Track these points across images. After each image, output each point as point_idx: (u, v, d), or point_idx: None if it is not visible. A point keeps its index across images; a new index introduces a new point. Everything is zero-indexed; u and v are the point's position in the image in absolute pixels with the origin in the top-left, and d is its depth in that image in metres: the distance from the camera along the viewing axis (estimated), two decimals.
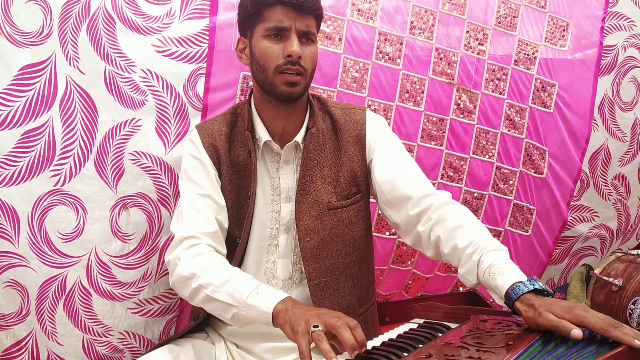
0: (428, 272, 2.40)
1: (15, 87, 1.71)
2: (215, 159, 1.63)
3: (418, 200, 1.55)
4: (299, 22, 1.51)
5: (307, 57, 1.53)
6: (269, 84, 1.54)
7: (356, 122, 1.67)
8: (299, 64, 1.51)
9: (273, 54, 1.52)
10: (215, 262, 1.49)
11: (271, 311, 1.30)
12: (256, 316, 1.33)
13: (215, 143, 1.63)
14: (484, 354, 1.05)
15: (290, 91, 1.53)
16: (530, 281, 1.23)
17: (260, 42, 1.53)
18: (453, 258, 1.43)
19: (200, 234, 1.54)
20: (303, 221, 1.59)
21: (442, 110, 2.23)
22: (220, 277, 1.42)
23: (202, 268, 1.46)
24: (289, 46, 1.50)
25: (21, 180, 1.73)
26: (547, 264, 2.51)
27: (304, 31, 1.53)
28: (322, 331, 1.17)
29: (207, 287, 1.42)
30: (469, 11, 2.23)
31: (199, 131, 1.66)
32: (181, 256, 1.50)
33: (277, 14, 1.50)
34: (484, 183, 2.34)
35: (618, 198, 2.56)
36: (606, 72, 2.41)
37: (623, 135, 2.49)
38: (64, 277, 1.82)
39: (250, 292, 1.35)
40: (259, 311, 1.32)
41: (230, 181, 1.64)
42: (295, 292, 1.63)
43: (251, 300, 1.34)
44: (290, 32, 1.51)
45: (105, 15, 1.77)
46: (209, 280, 1.42)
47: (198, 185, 1.61)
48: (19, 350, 1.84)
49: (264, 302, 1.32)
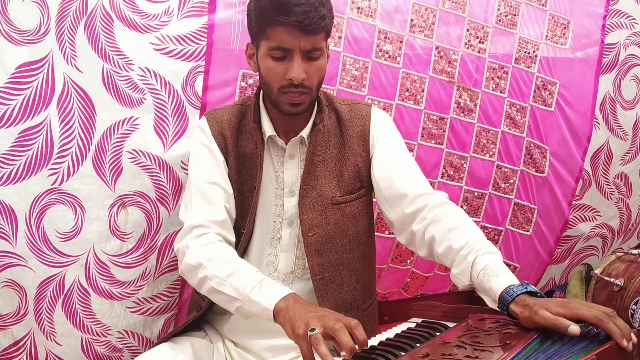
0: (427, 271, 2.39)
1: (12, 85, 1.70)
2: (223, 147, 1.63)
3: (414, 199, 1.55)
4: (303, 42, 1.46)
5: (312, 74, 1.51)
6: (273, 101, 1.54)
7: (361, 117, 1.67)
8: (302, 85, 1.49)
9: (276, 75, 1.49)
10: (222, 253, 1.48)
11: (272, 308, 1.29)
12: (258, 312, 1.32)
13: (224, 132, 1.63)
14: (482, 353, 1.04)
15: (293, 110, 1.53)
16: (522, 284, 1.24)
17: (265, 59, 1.51)
18: (446, 258, 1.43)
19: (209, 222, 1.54)
20: (307, 216, 1.59)
21: (442, 108, 2.23)
22: (225, 270, 1.41)
23: (209, 259, 1.45)
24: (290, 70, 1.47)
25: (19, 179, 1.73)
26: (548, 263, 2.50)
27: (309, 49, 1.48)
28: (320, 334, 1.16)
29: (212, 279, 1.41)
30: (469, 9, 2.22)
31: (208, 119, 1.66)
32: (190, 245, 1.50)
33: (281, 33, 1.45)
34: (485, 182, 2.34)
35: (620, 197, 2.55)
36: (607, 71, 2.40)
37: (625, 133, 2.48)
38: (62, 276, 1.81)
39: (253, 286, 1.34)
40: (260, 307, 1.31)
41: (237, 171, 1.63)
42: (296, 286, 1.63)
43: (254, 295, 1.33)
44: (293, 52, 1.47)
45: (102, 13, 1.76)
46: (215, 272, 1.42)
47: (206, 171, 1.60)
48: (17, 350, 1.84)
49: (265, 298, 1.31)
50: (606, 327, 1.07)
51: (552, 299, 1.17)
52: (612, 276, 1.85)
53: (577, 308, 1.11)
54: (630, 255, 1.91)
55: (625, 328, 1.07)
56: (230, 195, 1.62)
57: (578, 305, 1.12)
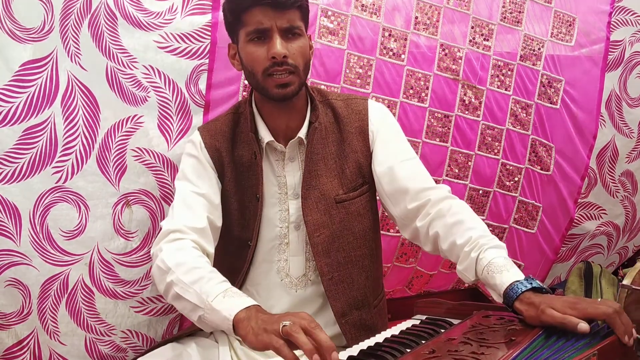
0: (432, 269, 2.38)
1: (17, 83, 1.70)
2: (217, 160, 1.62)
3: (416, 194, 1.54)
4: (279, 20, 1.46)
5: (295, 52, 1.49)
6: (261, 88, 1.52)
7: (358, 112, 1.66)
8: (286, 63, 1.47)
9: (258, 58, 1.48)
10: (191, 259, 1.43)
11: (232, 318, 1.23)
12: (218, 321, 1.27)
13: (218, 145, 1.63)
14: (487, 349, 1.04)
15: (283, 93, 1.50)
16: (527, 280, 1.24)
17: (245, 47, 1.50)
18: (451, 254, 1.43)
19: (187, 228, 1.51)
20: (311, 216, 1.58)
21: (447, 106, 2.22)
22: (192, 276, 1.37)
23: (178, 263, 1.40)
24: (271, 47, 1.46)
25: (23, 177, 1.73)
26: (553, 261, 2.49)
27: (287, 27, 1.48)
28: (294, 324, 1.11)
29: (177, 284, 1.37)
30: (473, 6, 2.22)
31: (201, 133, 1.65)
32: (163, 248, 1.47)
33: (256, 15, 1.46)
34: (490, 180, 2.33)
35: (625, 195, 2.54)
36: (613, 68, 2.39)
37: (630, 131, 2.47)
38: (66, 275, 1.81)
39: (217, 295, 1.29)
40: (221, 316, 1.26)
41: (235, 182, 1.63)
42: (310, 290, 1.63)
43: (216, 303, 1.28)
44: (272, 32, 1.46)
45: (106, 11, 1.76)
46: (181, 277, 1.37)
47: (193, 184, 1.59)
48: (21, 350, 1.84)
49: (227, 307, 1.26)
50: (612, 323, 1.08)
51: (557, 297, 1.18)
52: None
53: (585, 308, 1.12)
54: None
55: (629, 325, 1.09)
56: (217, 206, 1.60)
57: (585, 305, 1.13)
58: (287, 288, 1.62)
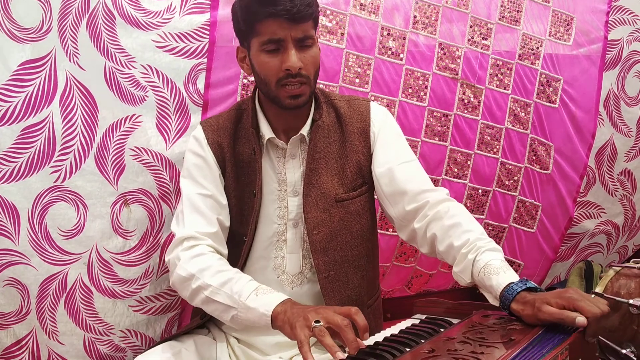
0: (431, 269, 2.38)
1: (15, 82, 1.69)
2: (219, 156, 1.62)
3: (414, 196, 1.55)
4: (294, 31, 1.46)
5: (308, 63, 1.50)
6: (272, 97, 1.53)
7: (360, 113, 1.66)
8: (300, 74, 1.48)
9: (272, 68, 1.48)
10: (214, 263, 1.48)
11: (270, 313, 1.30)
12: (255, 318, 1.34)
13: (220, 140, 1.63)
14: (487, 348, 1.04)
15: (295, 103, 1.51)
16: (522, 281, 1.25)
17: (258, 56, 1.50)
18: (448, 256, 1.44)
19: (201, 234, 1.54)
20: (311, 214, 1.58)
21: (446, 105, 2.22)
22: (219, 279, 1.42)
23: (201, 269, 1.46)
24: (286, 60, 1.46)
25: (21, 176, 1.72)
26: (553, 260, 2.49)
27: (301, 37, 1.48)
28: (323, 326, 1.18)
29: (206, 288, 1.42)
30: (472, 6, 2.22)
31: (204, 128, 1.65)
32: (181, 256, 1.50)
33: (270, 26, 1.45)
34: (489, 179, 2.33)
35: (624, 194, 2.55)
36: (611, 67, 2.40)
37: (629, 130, 2.47)
38: (64, 274, 1.81)
39: (249, 293, 1.36)
40: (258, 313, 1.32)
41: (235, 179, 1.63)
42: (306, 288, 1.63)
43: (250, 302, 1.34)
44: (286, 42, 1.46)
45: (105, 10, 1.76)
46: (208, 281, 1.43)
47: (200, 185, 1.60)
48: (19, 349, 1.83)
49: (262, 303, 1.33)
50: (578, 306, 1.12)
51: (549, 292, 1.18)
52: (621, 295, 1.63)
53: (575, 299, 1.14)
54: (635, 270, 1.69)
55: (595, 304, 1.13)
56: (224, 206, 1.62)
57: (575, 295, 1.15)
58: (283, 285, 1.62)
